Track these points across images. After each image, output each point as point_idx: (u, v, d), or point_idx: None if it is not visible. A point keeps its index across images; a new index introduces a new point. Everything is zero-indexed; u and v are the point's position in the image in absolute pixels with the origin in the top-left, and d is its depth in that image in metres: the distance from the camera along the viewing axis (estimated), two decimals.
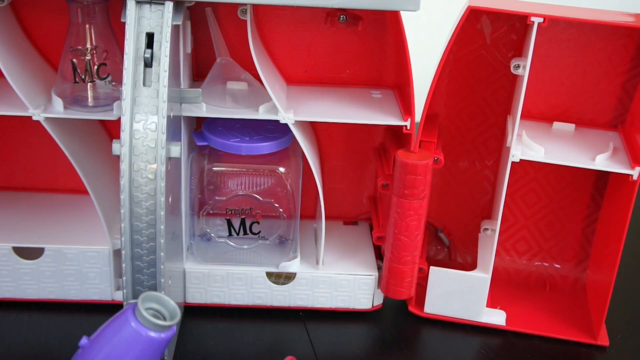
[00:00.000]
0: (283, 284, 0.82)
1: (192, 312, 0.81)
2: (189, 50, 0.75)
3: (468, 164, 0.87)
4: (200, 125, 0.79)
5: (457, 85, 0.82)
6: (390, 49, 0.80)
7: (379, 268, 0.83)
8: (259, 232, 0.80)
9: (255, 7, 0.74)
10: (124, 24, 0.64)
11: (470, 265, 0.88)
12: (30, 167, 0.87)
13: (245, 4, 0.71)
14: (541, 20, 0.69)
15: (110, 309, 0.79)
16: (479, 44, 0.80)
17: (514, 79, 0.80)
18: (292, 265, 0.81)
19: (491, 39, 0.80)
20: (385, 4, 0.65)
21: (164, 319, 0.61)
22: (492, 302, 0.83)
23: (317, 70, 0.82)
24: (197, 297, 0.82)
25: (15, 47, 0.74)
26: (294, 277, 0.81)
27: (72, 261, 0.79)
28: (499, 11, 0.71)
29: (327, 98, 0.79)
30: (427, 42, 0.97)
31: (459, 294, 0.81)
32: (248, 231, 0.80)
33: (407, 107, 0.75)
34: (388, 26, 0.78)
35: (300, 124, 0.76)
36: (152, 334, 0.59)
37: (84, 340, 0.60)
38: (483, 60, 0.81)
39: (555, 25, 0.78)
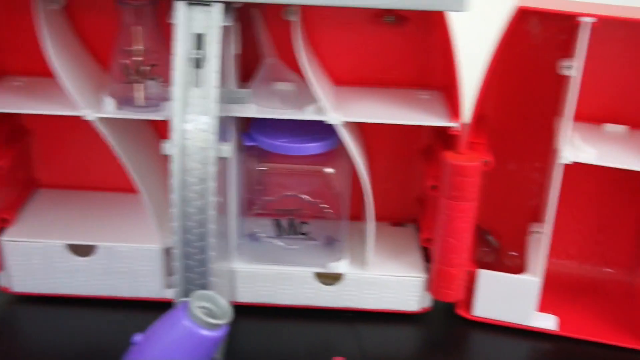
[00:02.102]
0: (330, 284, 0.82)
1: (241, 312, 0.82)
2: (237, 51, 0.75)
3: (516, 166, 0.86)
4: (248, 126, 0.80)
5: (505, 86, 0.81)
6: (438, 50, 0.80)
7: (427, 270, 0.82)
8: (307, 232, 0.81)
9: (302, 8, 0.74)
10: (174, 25, 0.65)
11: (519, 269, 0.86)
12: (83, 166, 0.89)
13: (293, 5, 0.71)
14: (592, 20, 0.68)
15: (160, 306, 0.81)
16: (527, 45, 0.79)
17: (564, 80, 0.79)
18: (340, 266, 0.81)
19: (540, 39, 0.79)
20: (433, 4, 0.65)
21: (216, 317, 0.62)
22: (542, 306, 0.82)
23: (364, 71, 0.81)
24: (246, 296, 0.82)
25: (69, 49, 0.75)
26: (341, 278, 0.81)
27: (123, 259, 0.81)
28: (549, 11, 0.71)
29: (374, 99, 0.79)
30: (473, 41, 0.96)
31: (508, 297, 0.80)
32: (296, 231, 0.80)
33: (454, 108, 0.74)
34: (435, 27, 0.78)
35: (348, 124, 0.76)
36: (204, 332, 0.60)
37: (137, 337, 0.61)
38: (532, 60, 0.80)
39: (606, 25, 0.76)
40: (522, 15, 0.76)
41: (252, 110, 0.74)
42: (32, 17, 0.70)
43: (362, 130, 0.86)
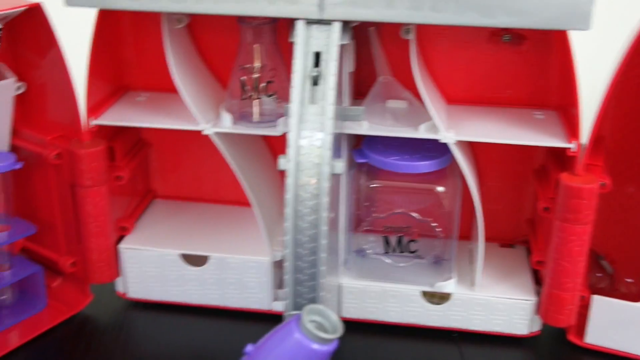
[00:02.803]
0: (437, 304, 0.81)
1: (346, 327, 0.82)
2: (351, 69, 0.76)
3: (635, 189, 0.83)
4: (359, 143, 0.81)
5: (625, 106, 0.79)
6: (555, 69, 0.78)
7: (537, 293, 0.80)
8: (416, 250, 0.80)
9: (418, 26, 0.74)
10: (289, 43, 0.67)
11: (635, 296, 0.83)
12: (197, 178, 0.92)
13: (409, 24, 0.71)
14: None
15: (268, 318, 0.82)
16: None
17: None
18: (448, 286, 0.80)
19: None
20: (554, 23, 0.64)
21: (326, 332, 0.62)
22: None
23: (478, 89, 0.81)
24: (352, 312, 0.83)
25: (190, 66, 0.78)
26: (448, 298, 0.81)
27: (233, 270, 0.83)
28: None
29: (488, 118, 0.78)
30: (591, 60, 0.93)
31: (623, 326, 0.77)
32: (404, 249, 0.80)
33: (572, 129, 0.73)
34: (554, 45, 0.76)
35: (460, 143, 0.75)
36: (315, 346, 0.60)
37: (249, 347, 0.62)
38: None
39: None
40: None
41: (365, 127, 0.75)
42: (155, 36, 0.73)
43: (473, 149, 0.85)
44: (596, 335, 0.79)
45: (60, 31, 0.72)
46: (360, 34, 0.78)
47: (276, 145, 0.88)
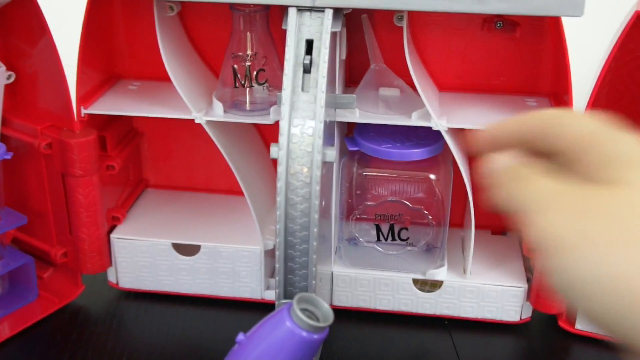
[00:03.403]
0: (428, 291, 0.81)
1: (338, 315, 0.82)
2: (343, 57, 0.76)
3: None
4: (351, 131, 0.81)
5: (618, 93, 0.79)
6: (548, 56, 0.78)
7: (528, 280, 0.81)
8: (407, 238, 0.80)
9: (410, 13, 0.74)
10: (281, 30, 0.66)
11: None
12: (189, 167, 0.92)
13: (402, 11, 0.71)
14: None
15: (259, 307, 0.82)
16: None
17: None
18: (439, 273, 0.80)
19: None
20: (547, 9, 0.64)
21: (317, 320, 0.62)
22: None
23: (470, 77, 0.81)
24: (344, 300, 0.83)
25: (182, 54, 0.78)
26: (440, 285, 0.81)
27: (225, 259, 0.83)
28: None
29: (480, 105, 0.78)
30: (584, 47, 0.93)
31: None
32: (396, 237, 0.80)
33: None
34: (547, 32, 0.76)
35: (452, 130, 0.75)
36: (306, 334, 0.60)
37: (240, 337, 0.62)
38: None
39: None
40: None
41: (357, 115, 0.75)
42: (146, 24, 0.72)
43: (465, 136, 0.85)
44: (587, 321, 0.79)
45: (50, 20, 0.71)
46: (353, 21, 0.77)
47: (268, 134, 0.88)
